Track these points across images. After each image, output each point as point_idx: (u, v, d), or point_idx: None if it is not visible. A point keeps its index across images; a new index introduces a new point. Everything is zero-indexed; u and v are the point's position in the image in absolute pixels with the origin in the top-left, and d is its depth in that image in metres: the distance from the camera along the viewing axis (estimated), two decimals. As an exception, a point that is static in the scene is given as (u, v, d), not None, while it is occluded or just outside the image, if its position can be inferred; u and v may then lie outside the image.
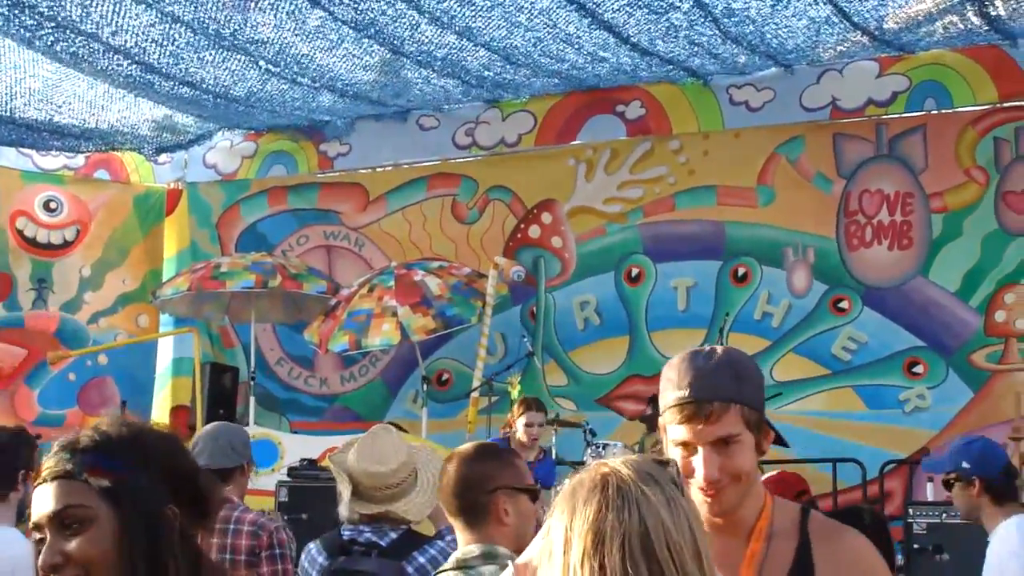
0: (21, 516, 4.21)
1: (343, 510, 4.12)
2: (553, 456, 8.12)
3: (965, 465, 4.68)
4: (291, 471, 8.13)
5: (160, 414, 11.31)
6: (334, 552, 4.07)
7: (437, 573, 3.06)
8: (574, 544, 1.73)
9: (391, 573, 3.94)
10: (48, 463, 1.87)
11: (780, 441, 2.40)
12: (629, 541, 1.70)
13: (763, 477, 7.32)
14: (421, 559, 3.99)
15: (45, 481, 1.86)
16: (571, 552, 1.74)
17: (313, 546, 4.19)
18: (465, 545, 3.06)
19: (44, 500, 1.85)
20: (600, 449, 7.83)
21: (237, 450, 4.50)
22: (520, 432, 7.68)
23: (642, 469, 1.81)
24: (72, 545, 1.81)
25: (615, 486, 1.76)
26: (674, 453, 2.25)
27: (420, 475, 4.22)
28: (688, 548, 1.73)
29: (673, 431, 2.27)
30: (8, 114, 9.86)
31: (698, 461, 2.23)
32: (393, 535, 4.05)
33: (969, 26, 8.76)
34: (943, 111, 9.52)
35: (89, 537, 1.81)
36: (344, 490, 4.11)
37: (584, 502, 1.76)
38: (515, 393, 8.76)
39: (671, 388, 2.28)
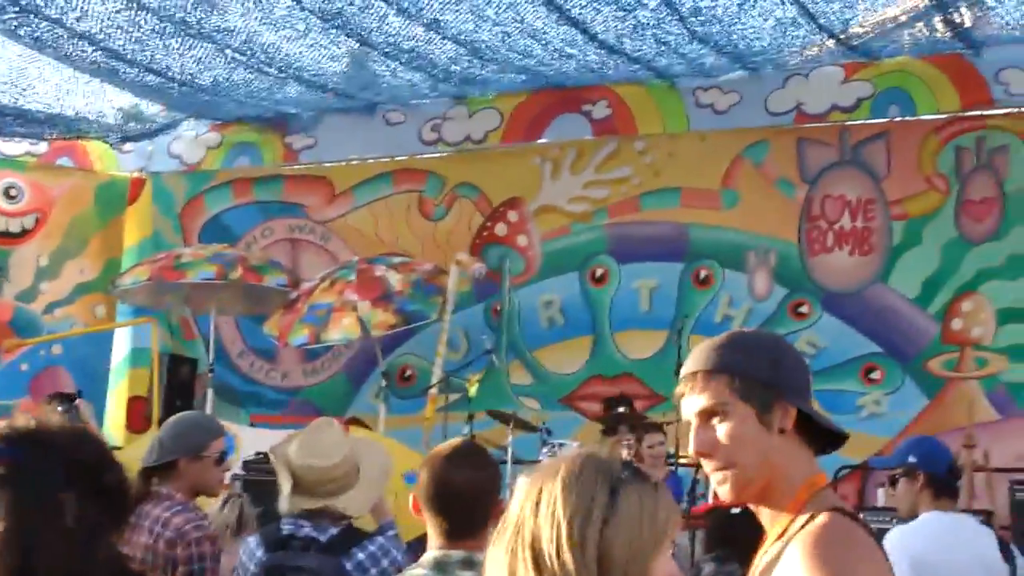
0: None
1: (283, 504, 4.09)
2: (677, 473, 8.00)
3: (912, 460, 4.72)
4: (246, 464, 8.08)
5: (116, 405, 11.22)
6: (273, 546, 4.05)
7: (410, 569, 2.96)
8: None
9: (330, 569, 3.93)
10: None
11: (823, 430, 2.23)
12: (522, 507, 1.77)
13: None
14: (360, 555, 3.98)
15: None
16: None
17: (252, 540, 4.17)
18: (444, 549, 2.93)
19: None
20: (555, 448, 7.81)
21: (165, 445, 4.19)
22: (647, 460, 7.44)
23: (577, 454, 1.82)
24: None
25: (544, 467, 1.81)
26: None
27: (362, 469, 4.20)
28: (561, 530, 1.71)
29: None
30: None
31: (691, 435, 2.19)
32: (333, 530, 4.04)
33: (934, 34, 8.80)
34: (906, 118, 9.54)
35: None
36: (284, 484, 4.08)
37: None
38: (472, 391, 8.73)
39: None
